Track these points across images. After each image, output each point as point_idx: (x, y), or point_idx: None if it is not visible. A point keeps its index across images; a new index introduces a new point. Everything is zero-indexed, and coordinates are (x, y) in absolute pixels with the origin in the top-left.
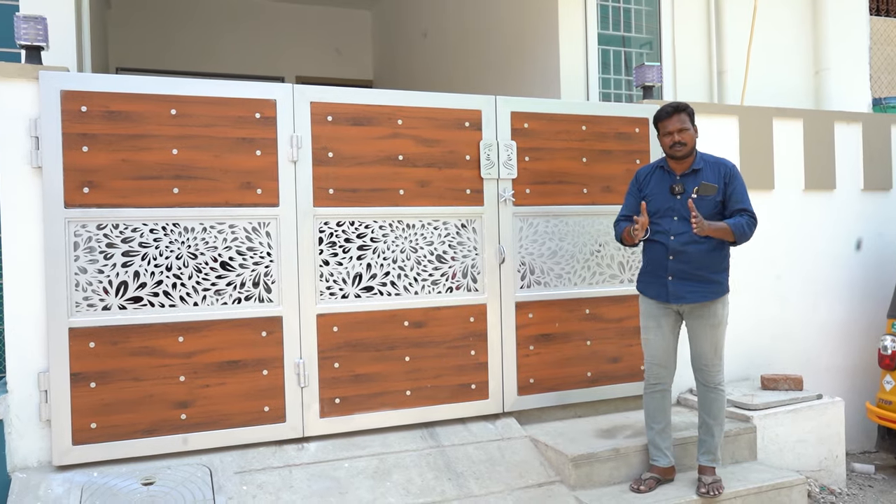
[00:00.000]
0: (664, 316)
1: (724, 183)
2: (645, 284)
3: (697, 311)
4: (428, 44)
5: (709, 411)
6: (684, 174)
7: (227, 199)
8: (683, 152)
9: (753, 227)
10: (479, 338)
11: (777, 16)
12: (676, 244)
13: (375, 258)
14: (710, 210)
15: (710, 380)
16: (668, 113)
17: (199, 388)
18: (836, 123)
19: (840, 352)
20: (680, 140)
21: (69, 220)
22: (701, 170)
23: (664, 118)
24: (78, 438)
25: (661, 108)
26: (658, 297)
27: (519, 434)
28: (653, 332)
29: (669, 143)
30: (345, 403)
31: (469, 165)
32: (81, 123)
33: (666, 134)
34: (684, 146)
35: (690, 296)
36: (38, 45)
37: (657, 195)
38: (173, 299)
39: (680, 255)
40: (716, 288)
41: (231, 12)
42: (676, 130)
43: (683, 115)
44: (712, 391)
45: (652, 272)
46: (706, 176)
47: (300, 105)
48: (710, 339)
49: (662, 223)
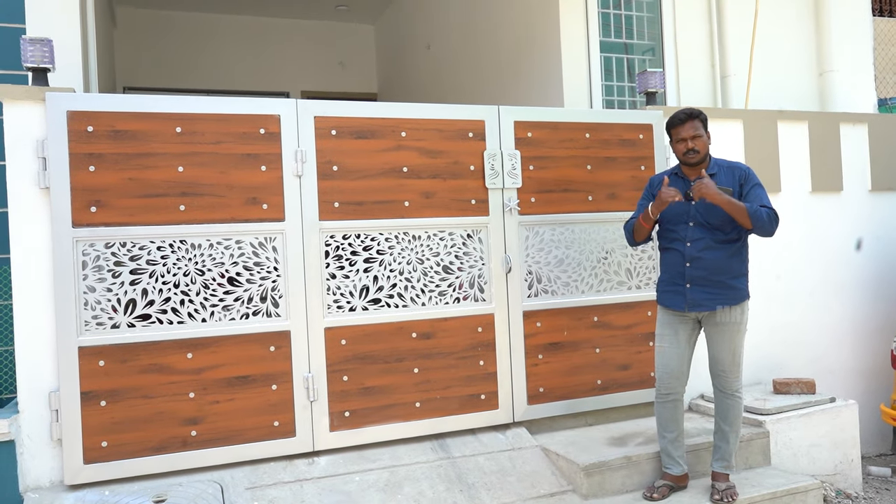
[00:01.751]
0: (681, 325)
1: (740, 185)
2: (662, 294)
3: (716, 317)
4: (431, 56)
5: (725, 417)
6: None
7: (234, 214)
8: (697, 159)
9: (775, 220)
10: (487, 348)
11: (779, 19)
12: (693, 250)
13: (382, 270)
14: (725, 216)
15: (727, 386)
16: (682, 120)
17: (209, 405)
18: (842, 125)
19: (852, 354)
20: (693, 147)
21: (77, 239)
22: (715, 175)
23: (677, 125)
24: (89, 457)
25: (674, 114)
26: (675, 307)
27: (529, 444)
28: (668, 340)
29: (683, 149)
30: (354, 417)
31: (473, 176)
32: (88, 143)
33: (679, 140)
34: (697, 153)
35: (708, 302)
36: (45, 66)
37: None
38: (181, 316)
39: (697, 262)
40: (735, 294)
41: (236, 30)
42: (690, 137)
43: (697, 122)
44: (730, 398)
45: (669, 280)
46: (721, 180)
47: (304, 120)
48: (729, 345)
49: (678, 230)
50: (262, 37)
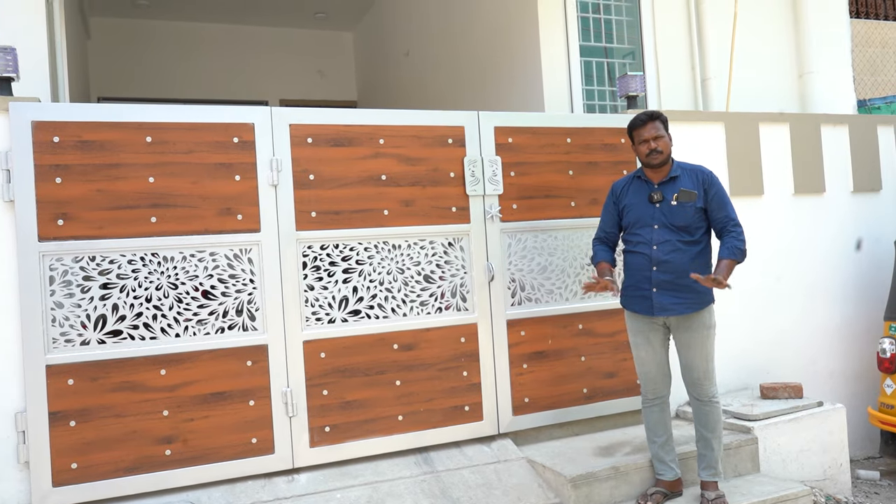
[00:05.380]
0: (651, 330)
1: (704, 189)
2: (628, 298)
3: (685, 322)
4: (410, 62)
5: (706, 425)
6: (662, 182)
7: (207, 226)
8: (660, 160)
9: (743, 238)
10: (470, 358)
11: (758, 22)
12: (659, 254)
13: (361, 281)
14: (690, 218)
15: (703, 393)
16: (643, 121)
17: (184, 423)
18: (823, 126)
19: (839, 356)
20: (656, 147)
21: (44, 253)
22: (678, 177)
23: (638, 126)
24: (58, 480)
25: (635, 116)
26: (643, 311)
27: (515, 456)
28: (643, 348)
29: (646, 150)
30: (335, 431)
31: (454, 183)
32: (54, 154)
33: (641, 142)
34: (661, 153)
35: (676, 307)
36: (8, 76)
37: (636, 205)
38: (154, 331)
39: (663, 265)
40: (701, 297)
41: (213, 38)
42: (652, 138)
43: (658, 123)
44: (707, 404)
45: (635, 285)
46: (684, 183)
47: (279, 128)
48: (700, 350)
49: (643, 233)
50: (240, 45)
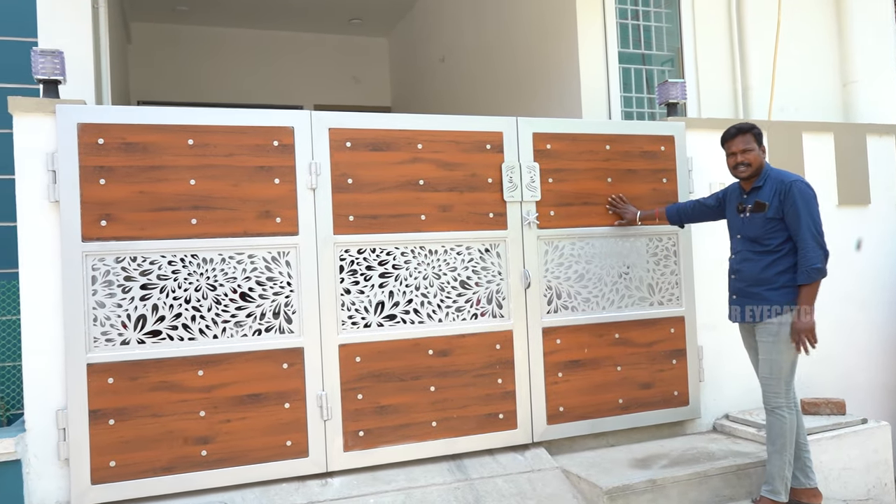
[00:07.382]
0: (748, 336)
1: (780, 200)
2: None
3: (757, 329)
4: (446, 68)
5: (767, 435)
6: (749, 192)
7: (246, 228)
8: (748, 173)
9: (812, 256)
10: (505, 366)
11: (801, 30)
12: (735, 262)
13: (398, 285)
14: (759, 229)
15: (767, 401)
16: (732, 134)
17: (220, 424)
18: (869, 136)
19: (882, 371)
20: (743, 160)
21: (87, 253)
22: (761, 187)
23: (728, 139)
24: (96, 478)
25: (727, 129)
26: (731, 318)
27: (549, 465)
28: (749, 354)
29: (733, 163)
30: (369, 436)
31: (491, 188)
32: (98, 156)
33: (730, 154)
34: (748, 167)
35: (744, 315)
36: (56, 78)
37: (729, 213)
38: (192, 332)
39: (738, 274)
40: (770, 306)
41: (250, 44)
42: (740, 151)
43: (748, 136)
44: (770, 413)
45: (729, 292)
46: (763, 193)
47: (318, 132)
48: (767, 358)
49: (731, 242)
50: (276, 51)
